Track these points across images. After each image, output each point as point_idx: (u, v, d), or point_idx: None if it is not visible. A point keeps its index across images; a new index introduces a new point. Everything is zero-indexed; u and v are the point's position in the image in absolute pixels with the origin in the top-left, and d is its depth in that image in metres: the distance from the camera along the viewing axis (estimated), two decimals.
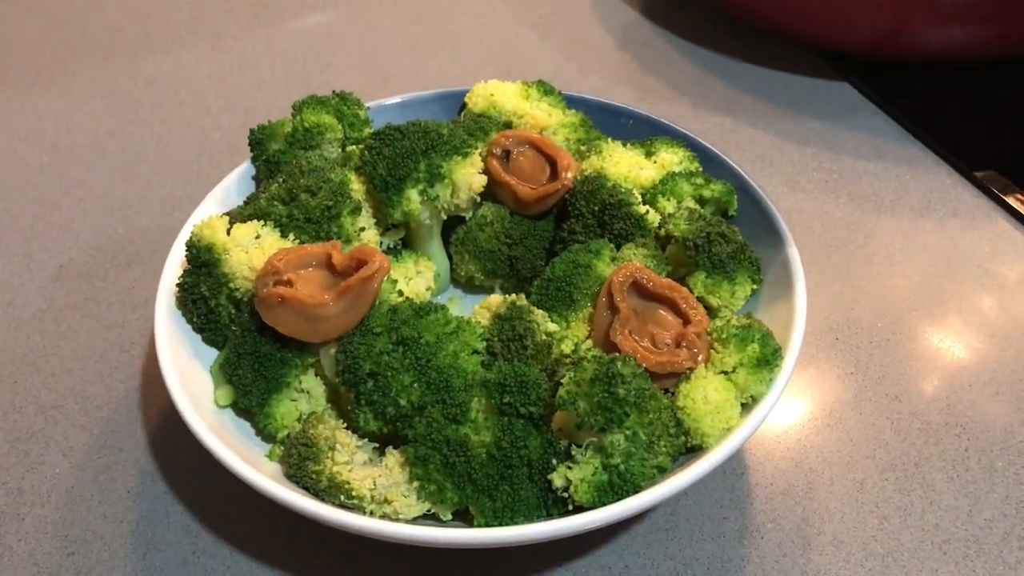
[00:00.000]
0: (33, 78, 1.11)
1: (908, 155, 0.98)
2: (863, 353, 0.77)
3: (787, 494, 0.67)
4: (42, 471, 0.69)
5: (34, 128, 1.03)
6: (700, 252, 0.66)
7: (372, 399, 0.57)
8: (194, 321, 0.65)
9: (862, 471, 0.68)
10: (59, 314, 0.82)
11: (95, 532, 0.65)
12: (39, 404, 0.74)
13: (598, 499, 0.54)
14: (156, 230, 0.90)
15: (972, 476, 0.68)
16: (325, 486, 0.56)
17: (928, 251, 0.87)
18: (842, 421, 0.72)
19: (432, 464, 0.55)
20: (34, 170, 0.97)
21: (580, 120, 0.81)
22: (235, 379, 0.62)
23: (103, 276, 0.85)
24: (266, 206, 0.67)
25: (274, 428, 0.62)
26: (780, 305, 0.65)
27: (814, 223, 0.90)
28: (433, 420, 0.56)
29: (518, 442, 0.55)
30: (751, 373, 0.59)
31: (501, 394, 0.55)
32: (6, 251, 0.88)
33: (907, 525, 0.65)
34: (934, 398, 0.74)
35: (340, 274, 0.60)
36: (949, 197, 0.93)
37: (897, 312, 0.81)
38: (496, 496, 0.55)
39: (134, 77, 1.11)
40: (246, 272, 0.62)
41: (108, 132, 1.03)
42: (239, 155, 0.67)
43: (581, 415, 0.53)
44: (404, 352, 0.57)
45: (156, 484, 0.68)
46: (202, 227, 0.64)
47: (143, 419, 0.72)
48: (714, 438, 0.57)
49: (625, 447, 0.53)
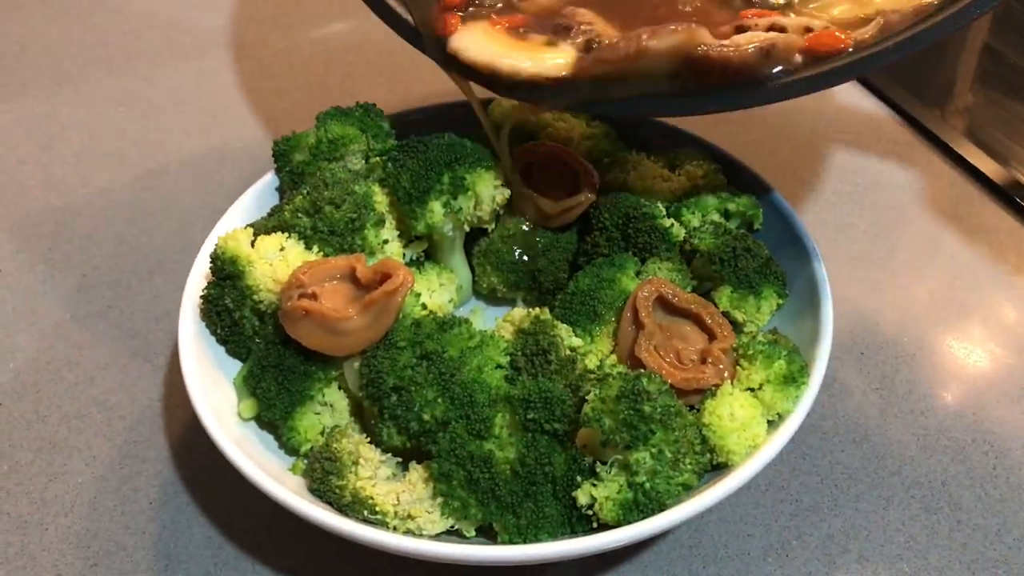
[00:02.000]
0: (56, 87, 1.12)
1: (933, 167, 0.97)
2: (888, 368, 0.76)
3: (812, 511, 0.66)
4: (65, 481, 0.69)
5: (57, 137, 1.04)
6: (725, 266, 0.65)
7: (396, 413, 0.57)
8: (218, 333, 0.65)
9: (888, 488, 0.68)
10: (82, 323, 0.82)
11: (118, 543, 0.65)
12: (62, 413, 0.74)
13: (623, 517, 0.53)
14: (179, 239, 0.90)
15: (1001, 494, 0.67)
16: (348, 501, 0.56)
17: (953, 264, 0.86)
18: (867, 437, 0.71)
19: (456, 480, 0.55)
20: (57, 179, 0.98)
21: (604, 132, 0.80)
22: (259, 392, 0.62)
23: (126, 285, 0.86)
24: (290, 218, 0.67)
25: (297, 441, 0.62)
26: (806, 320, 0.65)
27: (838, 235, 0.89)
28: (457, 435, 0.56)
29: (542, 459, 0.55)
30: (777, 390, 0.58)
31: (525, 410, 0.55)
32: (29, 260, 0.88)
33: (934, 544, 0.64)
34: (961, 414, 0.73)
35: (364, 287, 0.60)
36: (974, 209, 0.92)
37: (922, 326, 0.80)
38: (520, 513, 0.55)
39: (156, 86, 1.12)
40: (270, 284, 0.62)
41: (131, 141, 1.03)
42: (261, 165, 0.67)
43: (606, 432, 0.53)
44: (428, 366, 0.57)
45: (179, 496, 0.68)
46: (226, 239, 0.64)
47: (166, 430, 0.73)
48: (740, 455, 0.57)
49: (650, 465, 0.53)
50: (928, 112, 1.04)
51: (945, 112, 1.07)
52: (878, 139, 1.02)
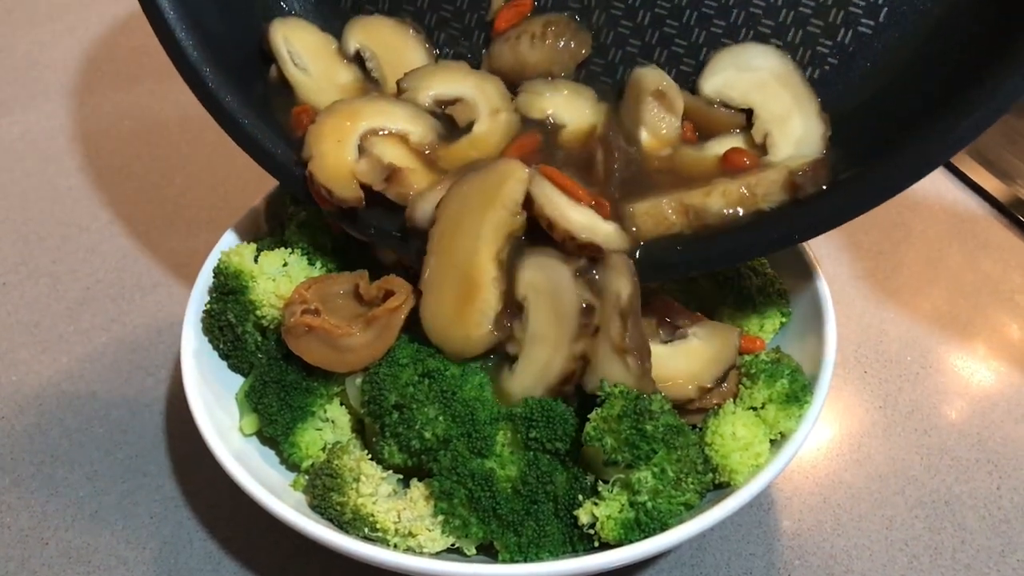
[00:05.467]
0: (62, 100, 1.12)
1: (937, 186, 0.97)
2: (892, 387, 0.76)
3: (815, 530, 0.66)
4: (66, 495, 0.69)
5: (63, 150, 1.04)
6: (728, 285, 0.65)
7: (397, 431, 0.57)
8: (220, 348, 0.65)
9: (891, 508, 0.67)
10: (85, 336, 0.82)
11: (118, 557, 0.65)
12: (64, 427, 0.74)
13: (625, 536, 0.53)
14: (182, 253, 0.90)
15: (1005, 515, 0.67)
16: (349, 518, 0.56)
17: (957, 283, 0.86)
18: (871, 456, 0.71)
19: (457, 498, 0.55)
20: (62, 191, 0.98)
21: None
22: (260, 407, 0.61)
23: (128, 298, 0.86)
24: (294, 235, 0.67)
25: (299, 457, 0.61)
26: (809, 338, 0.64)
27: (842, 253, 0.89)
28: (458, 453, 0.56)
29: (544, 477, 0.55)
30: (780, 409, 0.58)
31: (527, 428, 0.55)
32: (33, 272, 0.89)
33: (938, 564, 0.64)
34: (965, 433, 0.72)
35: (367, 304, 0.60)
36: (979, 228, 0.92)
37: (926, 344, 0.80)
38: (521, 531, 0.54)
39: (162, 100, 1.12)
40: (273, 300, 0.62)
41: (135, 155, 1.03)
42: (265, 180, 0.68)
43: (608, 451, 0.53)
44: (430, 384, 0.57)
45: (179, 510, 0.68)
46: (230, 254, 0.65)
47: (167, 444, 0.73)
48: (743, 475, 0.56)
49: (652, 484, 0.53)
50: None
51: None
52: None
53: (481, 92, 0.65)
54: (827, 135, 0.59)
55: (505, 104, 0.65)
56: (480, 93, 0.65)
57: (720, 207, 0.57)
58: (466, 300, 0.57)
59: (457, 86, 0.66)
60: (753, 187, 0.57)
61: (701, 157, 0.61)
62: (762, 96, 0.62)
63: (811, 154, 0.58)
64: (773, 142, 0.60)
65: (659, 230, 0.57)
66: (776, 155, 0.59)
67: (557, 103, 0.65)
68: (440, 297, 0.58)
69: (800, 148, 0.59)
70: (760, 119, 0.61)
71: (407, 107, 0.64)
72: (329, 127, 0.62)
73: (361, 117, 0.63)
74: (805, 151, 0.58)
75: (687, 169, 0.61)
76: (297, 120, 0.65)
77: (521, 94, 0.66)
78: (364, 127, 0.63)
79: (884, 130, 0.57)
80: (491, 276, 0.57)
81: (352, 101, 0.64)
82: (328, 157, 0.61)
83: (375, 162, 0.60)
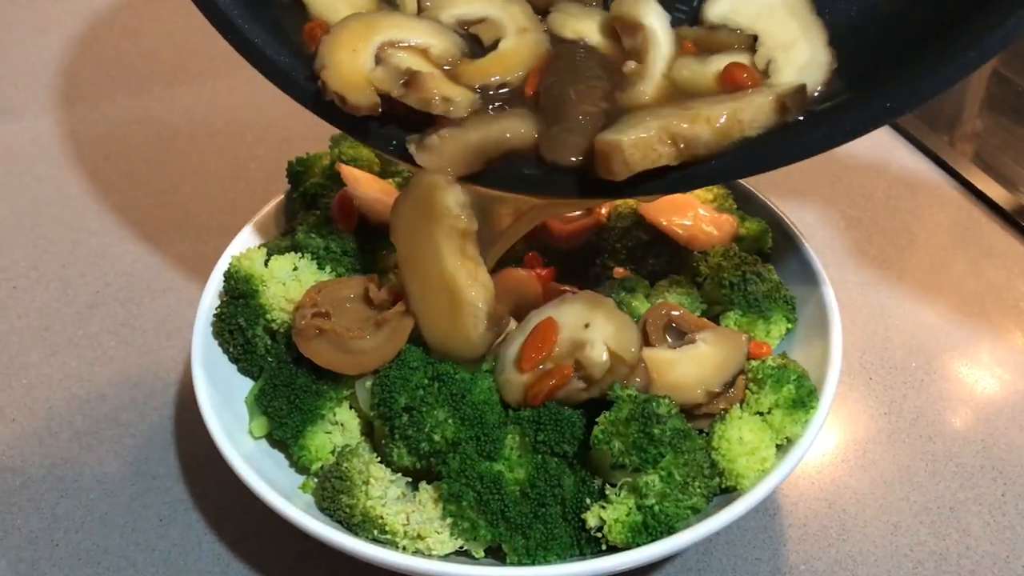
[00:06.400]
0: (71, 105, 1.13)
1: (942, 192, 0.98)
2: (897, 393, 0.77)
3: (820, 535, 0.66)
4: (76, 497, 0.70)
5: (72, 155, 1.05)
6: (735, 290, 0.66)
7: (407, 434, 0.57)
8: (230, 351, 0.66)
9: (896, 514, 0.68)
10: (94, 340, 0.83)
11: (128, 559, 0.66)
12: (74, 430, 0.75)
13: (632, 539, 0.53)
14: (192, 258, 0.91)
15: (1009, 521, 0.67)
16: (359, 520, 0.56)
17: (962, 290, 0.86)
18: (876, 462, 0.71)
19: (466, 501, 0.55)
20: (71, 196, 0.99)
21: None
22: (270, 410, 0.62)
23: (138, 303, 0.86)
24: (304, 238, 0.68)
25: (308, 460, 0.62)
26: (815, 345, 0.65)
27: (847, 260, 0.90)
28: (467, 456, 0.56)
29: (552, 480, 0.55)
30: (786, 415, 0.58)
31: (536, 431, 0.56)
32: (43, 277, 0.89)
33: (942, 571, 0.64)
34: (969, 440, 0.73)
35: (377, 307, 0.61)
36: (983, 235, 0.92)
37: (931, 351, 0.80)
38: (529, 534, 0.55)
39: (170, 105, 1.13)
40: (283, 304, 0.63)
41: (144, 160, 1.04)
42: (275, 184, 0.68)
43: (616, 454, 0.53)
44: (439, 387, 0.57)
45: (189, 513, 0.68)
46: (240, 259, 0.65)
47: (177, 447, 0.73)
48: (749, 479, 0.57)
49: (660, 488, 0.53)
50: (937, 138, 1.05)
51: (954, 138, 1.07)
52: (887, 165, 1.03)
53: (507, 12, 0.64)
54: (832, 66, 0.57)
55: (533, 24, 0.63)
56: (506, 14, 0.64)
57: (708, 135, 0.54)
58: (454, 309, 0.58)
59: (481, 6, 0.64)
60: (740, 112, 0.55)
61: (701, 72, 0.60)
62: (769, 23, 0.60)
63: (814, 82, 0.57)
64: (776, 68, 0.59)
65: (646, 163, 0.54)
66: (778, 80, 0.58)
67: (591, 27, 0.63)
68: (430, 316, 0.59)
69: (803, 75, 0.57)
70: (765, 45, 0.60)
71: (428, 22, 0.62)
72: (344, 37, 0.60)
73: (378, 29, 0.61)
74: (807, 79, 0.57)
75: (684, 84, 0.59)
76: (311, 34, 0.62)
77: (553, 13, 0.64)
78: (381, 39, 0.60)
79: (887, 54, 0.56)
80: (465, 277, 0.57)
81: (369, 14, 0.62)
82: (343, 65, 0.58)
83: (392, 69, 0.58)
